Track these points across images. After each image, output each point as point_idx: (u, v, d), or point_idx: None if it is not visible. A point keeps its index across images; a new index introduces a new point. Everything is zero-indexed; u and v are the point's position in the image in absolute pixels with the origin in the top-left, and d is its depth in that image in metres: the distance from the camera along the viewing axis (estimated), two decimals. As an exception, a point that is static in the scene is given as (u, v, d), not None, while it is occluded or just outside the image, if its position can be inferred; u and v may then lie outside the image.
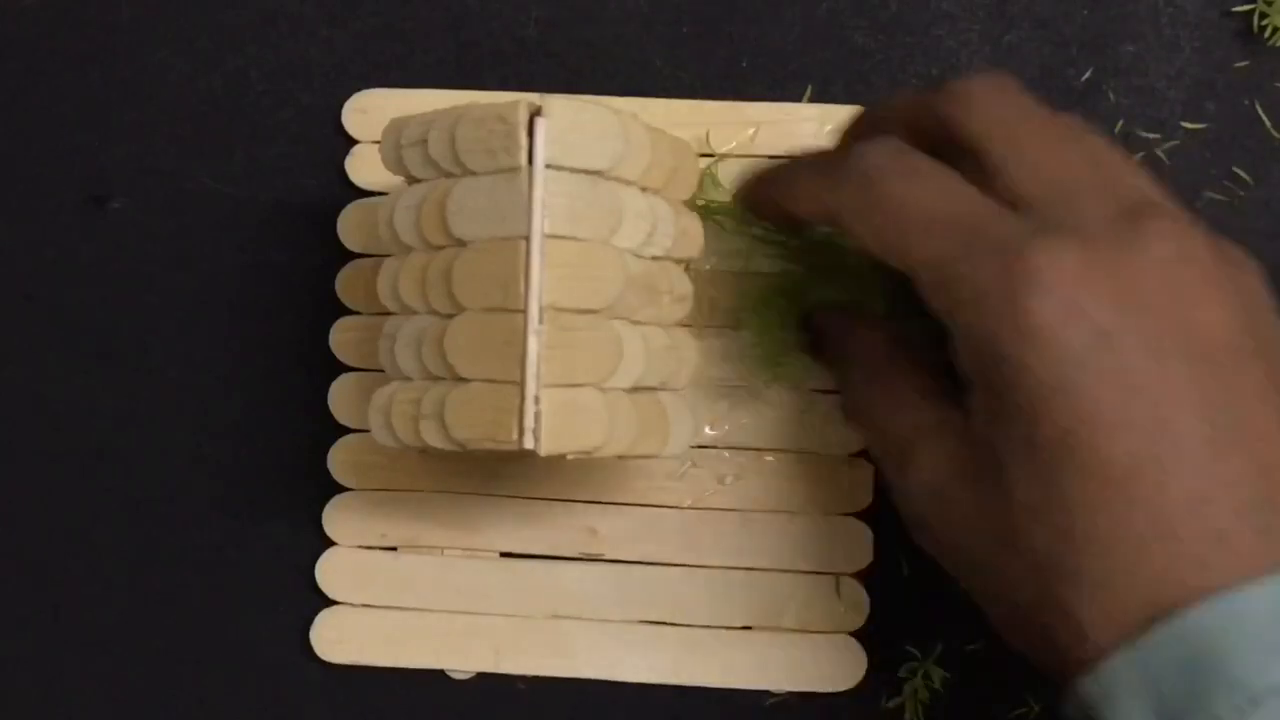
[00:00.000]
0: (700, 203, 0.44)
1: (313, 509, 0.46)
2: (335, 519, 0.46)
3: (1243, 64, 0.46)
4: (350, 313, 0.46)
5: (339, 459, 0.46)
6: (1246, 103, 0.46)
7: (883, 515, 0.45)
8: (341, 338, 0.46)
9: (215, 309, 0.47)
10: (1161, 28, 0.46)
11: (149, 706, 0.46)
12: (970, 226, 0.34)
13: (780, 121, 0.46)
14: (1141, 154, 0.46)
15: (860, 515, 0.45)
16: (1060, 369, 0.32)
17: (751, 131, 0.46)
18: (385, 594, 0.45)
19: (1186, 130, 0.46)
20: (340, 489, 0.46)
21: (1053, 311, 0.32)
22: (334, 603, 0.46)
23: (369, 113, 0.47)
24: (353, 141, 0.47)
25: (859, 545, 0.45)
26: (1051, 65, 0.46)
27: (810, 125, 0.46)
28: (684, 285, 0.41)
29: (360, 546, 0.46)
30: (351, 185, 0.46)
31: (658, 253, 0.40)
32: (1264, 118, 0.46)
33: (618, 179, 0.38)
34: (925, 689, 0.44)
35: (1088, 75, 0.46)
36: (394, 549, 0.46)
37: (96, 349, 0.47)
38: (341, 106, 0.47)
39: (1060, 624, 0.33)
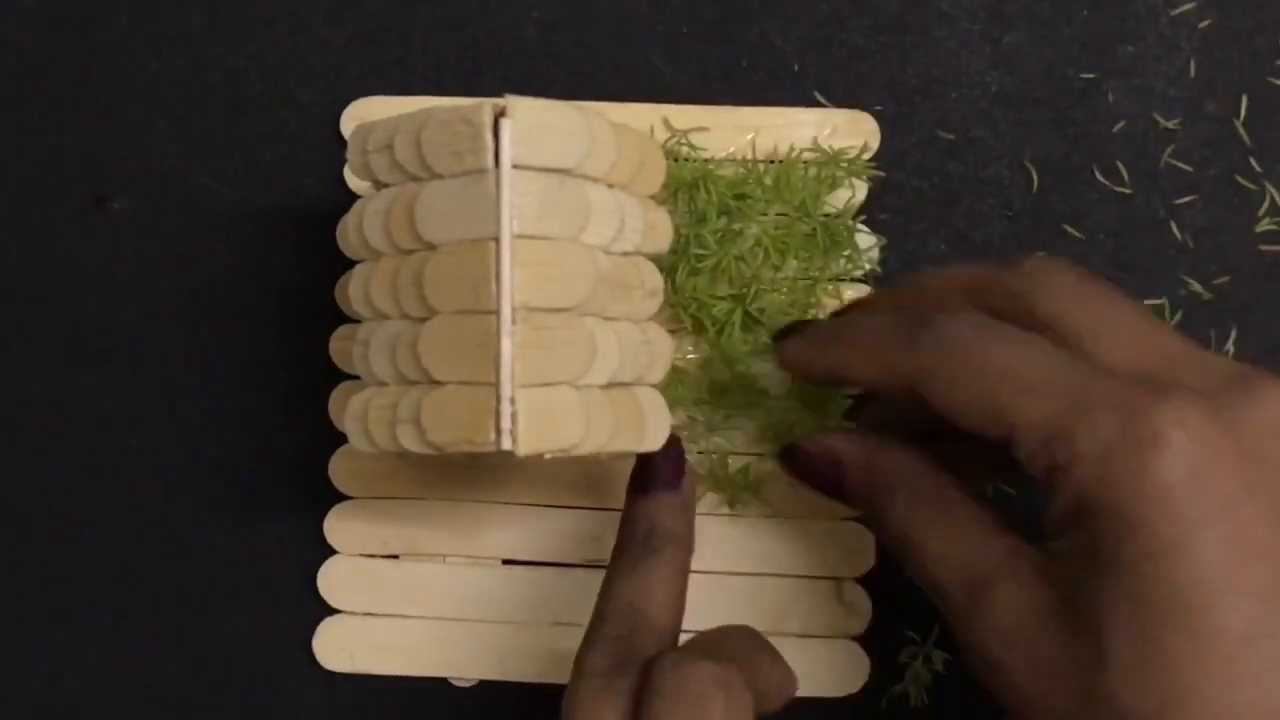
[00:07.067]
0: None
1: (314, 517, 0.46)
2: (336, 527, 0.46)
3: (1243, 64, 0.46)
4: (349, 320, 0.46)
5: (339, 467, 0.46)
6: (1246, 103, 0.46)
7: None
8: (340, 345, 0.46)
9: (215, 310, 0.47)
10: (1161, 28, 0.46)
11: (151, 715, 0.46)
12: (1081, 386, 0.33)
13: (778, 126, 0.46)
14: (1140, 153, 0.46)
15: (861, 519, 0.45)
16: (1183, 530, 0.31)
17: (750, 136, 0.46)
18: (388, 602, 0.45)
19: (1186, 130, 0.46)
20: (341, 497, 0.46)
21: (1179, 473, 0.32)
22: (336, 611, 0.46)
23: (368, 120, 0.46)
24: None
25: (861, 549, 0.45)
26: (1051, 65, 0.46)
27: (808, 130, 0.46)
28: (655, 280, 0.41)
29: (362, 555, 0.46)
30: (351, 194, 0.46)
31: (627, 248, 0.40)
32: (1263, 118, 0.46)
33: (584, 176, 0.38)
34: (927, 671, 0.44)
35: (1088, 75, 0.46)
36: (396, 557, 0.46)
37: (96, 349, 0.47)
38: (343, 107, 0.47)
39: None
